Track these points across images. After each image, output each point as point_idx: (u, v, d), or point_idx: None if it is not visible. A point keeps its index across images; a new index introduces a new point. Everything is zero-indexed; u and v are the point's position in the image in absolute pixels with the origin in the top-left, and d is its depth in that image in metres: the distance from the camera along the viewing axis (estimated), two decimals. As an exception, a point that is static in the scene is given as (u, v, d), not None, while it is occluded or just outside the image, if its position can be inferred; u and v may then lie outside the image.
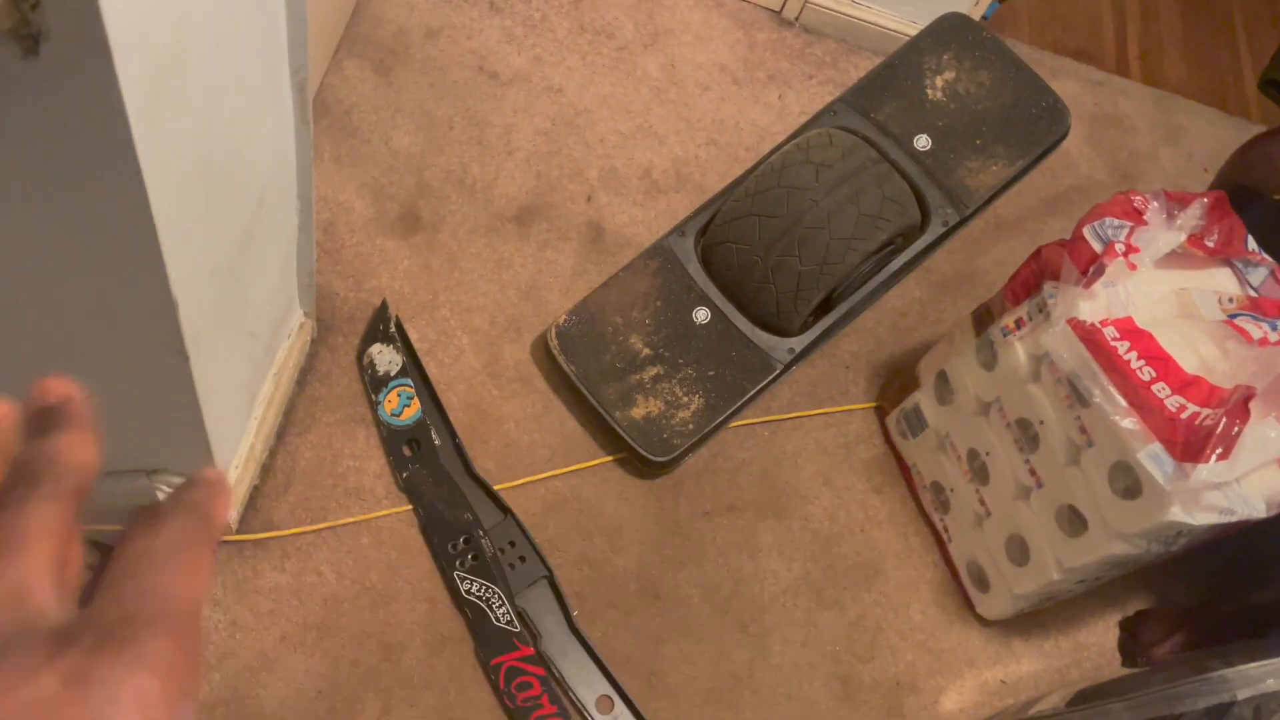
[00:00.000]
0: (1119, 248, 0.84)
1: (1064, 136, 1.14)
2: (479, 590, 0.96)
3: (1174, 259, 0.90)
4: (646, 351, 1.08)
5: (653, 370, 1.07)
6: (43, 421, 0.30)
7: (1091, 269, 0.84)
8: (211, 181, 0.64)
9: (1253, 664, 0.74)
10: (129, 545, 0.27)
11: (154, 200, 0.55)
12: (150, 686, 0.23)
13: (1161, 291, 0.89)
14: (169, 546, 0.27)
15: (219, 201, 0.67)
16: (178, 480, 0.89)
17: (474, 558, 0.98)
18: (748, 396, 1.07)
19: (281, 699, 0.90)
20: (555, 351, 1.08)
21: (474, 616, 0.95)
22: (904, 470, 1.14)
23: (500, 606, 0.96)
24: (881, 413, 1.17)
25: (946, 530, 1.09)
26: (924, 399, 1.09)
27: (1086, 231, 0.86)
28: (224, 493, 0.30)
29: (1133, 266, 0.85)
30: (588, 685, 0.95)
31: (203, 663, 0.24)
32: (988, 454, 1.01)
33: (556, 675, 0.95)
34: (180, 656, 0.24)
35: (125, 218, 0.56)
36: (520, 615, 0.96)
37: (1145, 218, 0.87)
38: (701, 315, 1.10)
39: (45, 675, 0.22)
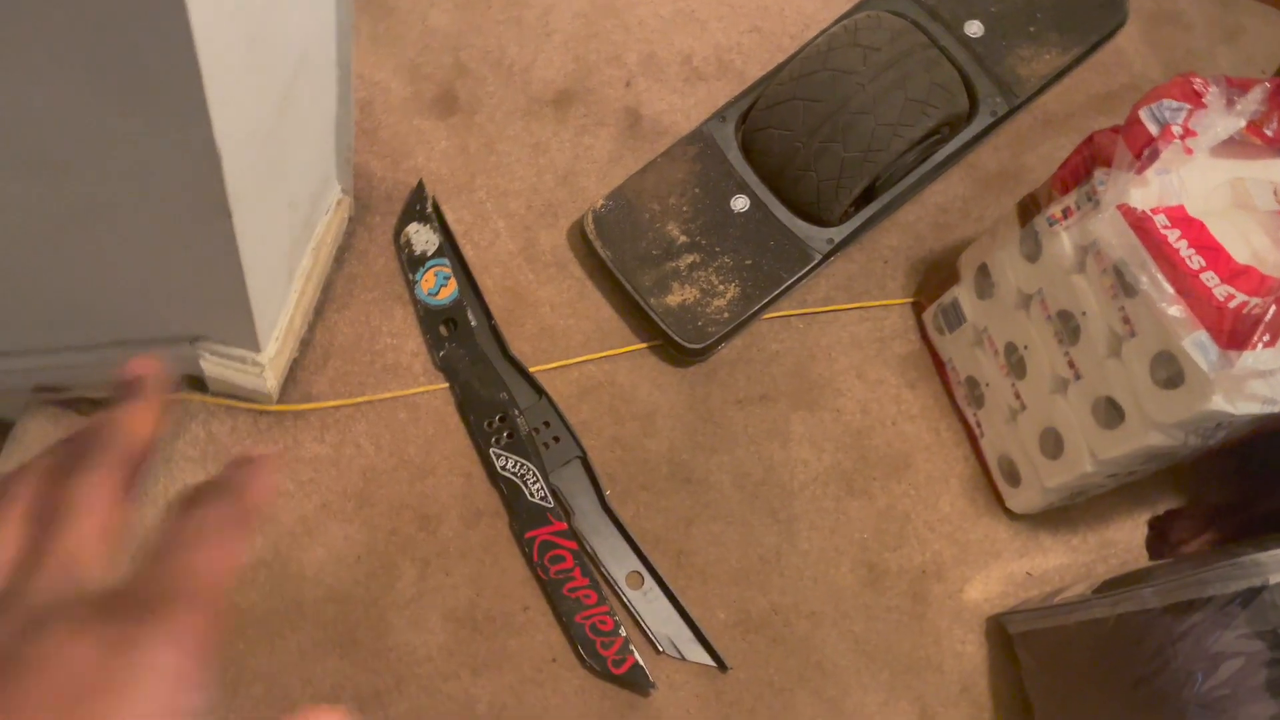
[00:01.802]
0: (1176, 130, 0.82)
1: (1122, 24, 1.10)
2: (514, 467, 0.98)
3: (1231, 147, 0.87)
4: (683, 239, 1.07)
5: (689, 258, 1.07)
6: (116, 397, 0.33)
7: (1146, 152, 0.82)
8: (253, 32, 0.64)
9: (1286, 548, 0.74)
10: (171, 522, 0.30)
11: (199, 44, 0.55)
12: (182, 656, 0.25)
13: (1216, 181, 0.87)
14: (204, 528, 0.29)
15: (259, 55, 0.66)
16: (220, 349, 0.91)
17: (509, 436, 0.99)
18: (784, 286, 1.07)
19: (322, 563, 0.93)
20: (591, 237, 1.07)
21: (509, 492, 0.97)
22: (938, 365, 1.13)
23: (535, 483, 0.97)
24: (919, 308, 1.16)
25: (979, 425, 1.09)
26: (963, 293, 1.07)
27: (1143, 114, 0.83)
28: (264, 475, 0.33)
29: (1189, 151, 0.83)
30: (618, 561, 0.97)
31: (222, 631, 0.27)
32: (1026, 347, 1.00)
33: (589, 550, 0.97)
34: (207, 629, 0.26)
35: (171, 64, 0.56)
36: (554, 492, 0.98)
37: (1204, 101, 0.84)
38: (740, 203, 1.08)
39: (87, 642, 0.24)
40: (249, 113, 0.68)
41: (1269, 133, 0.87)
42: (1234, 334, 0.78)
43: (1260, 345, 0.76)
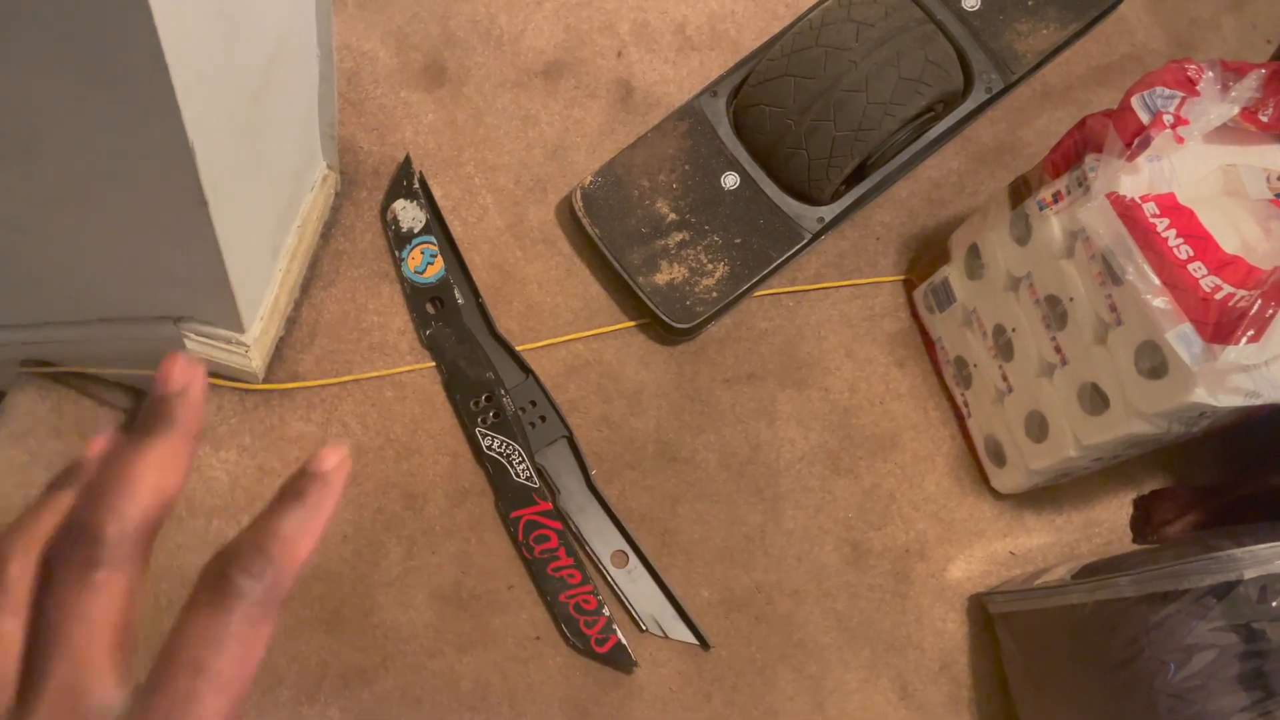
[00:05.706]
0: (1167, 119, 0.81)
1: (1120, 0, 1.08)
2: (500, 447, 0.98)
3: (1224, 133, 0.86)
4: (673, 216, 1.07)
5: (678, 236, 1.06)
6: (142, 417, 0.27)
7: (1137, 141, 0.81)
8: (226, 21, 0.62)
9: (1263, 544, 0.74)
10: (193, 620, 0.25)
11: (164, 35, 0.54)
12: None
13: (1208, 167, 0.86)
14: (231, 633, 0.26)
15: (234, 41, 0.65)
16: (205, 329, 0.90)
17: (495, 415, 0.99)
18: (774, 265, 1.06)
19: (308, 542, 0.93)
20: (580, 214, 1.06)
21: (494, 471, 0.98)
22: (928, 344, 1.13)
23: (520, 463, 0.98)
24: (909, 286, 1.15)
25: (966, 405, 1.09)
26: (953, 273, 1.07)
27: (1135, 101, 0.82)
28: (303, 543, 0.28)
29: (1180, 139, 0.82)
30: (603, 540, 0.98)
31: None
32: (1013, 330, 0.99)
33: (574, 530, 0.98)
34: None
35: (136, 53, 0.55)
36: (540, 472, 0.98)
37: (1198, 88, 0.83)
38: (730, 181, 1.07)
39: None
40: (224, 101, 0.67)
41: (1264, 119, 0.86)
42: (1219, 327, 0.77)
43: (1244, 340, 0.75)
